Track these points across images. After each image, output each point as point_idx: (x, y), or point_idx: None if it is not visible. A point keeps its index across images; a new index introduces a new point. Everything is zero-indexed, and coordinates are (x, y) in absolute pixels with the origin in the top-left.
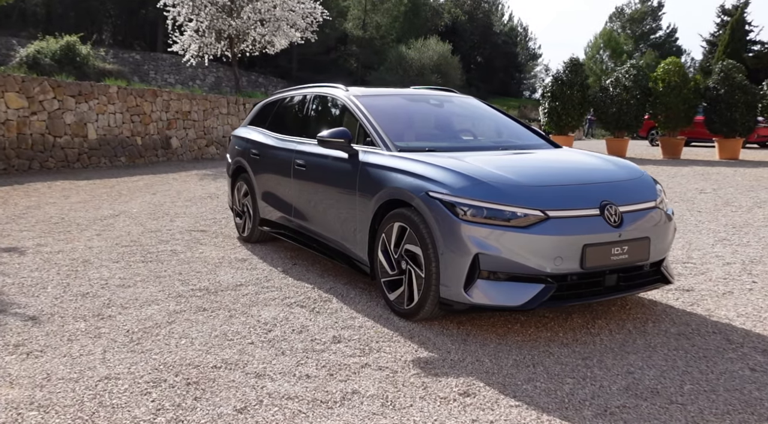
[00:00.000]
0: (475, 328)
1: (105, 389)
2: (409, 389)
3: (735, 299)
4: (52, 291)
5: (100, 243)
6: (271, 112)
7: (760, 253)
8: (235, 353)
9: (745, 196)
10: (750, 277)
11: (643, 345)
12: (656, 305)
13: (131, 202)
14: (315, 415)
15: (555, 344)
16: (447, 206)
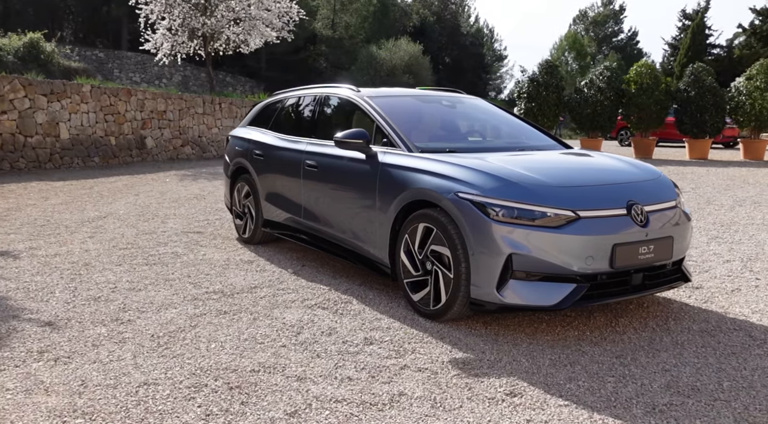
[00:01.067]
0: (502, 328)
1: (147, 394)
2: (454, 391)
3: (745, 296)
4: (60, 296)
5: (95, 246)
6: (274, 112)
7: (755, 250)
8: (270, 356)
9: (724, 195)
10: (752, 274)
11: (670, 343)
12: (672, 302)
13: (115, 203)
14: (367, 417)
15: (585, 342)
16: (478, 207)
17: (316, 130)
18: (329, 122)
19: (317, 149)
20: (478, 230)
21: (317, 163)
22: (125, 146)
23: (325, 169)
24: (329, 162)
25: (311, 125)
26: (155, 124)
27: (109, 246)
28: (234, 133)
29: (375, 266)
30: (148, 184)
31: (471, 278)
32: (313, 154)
